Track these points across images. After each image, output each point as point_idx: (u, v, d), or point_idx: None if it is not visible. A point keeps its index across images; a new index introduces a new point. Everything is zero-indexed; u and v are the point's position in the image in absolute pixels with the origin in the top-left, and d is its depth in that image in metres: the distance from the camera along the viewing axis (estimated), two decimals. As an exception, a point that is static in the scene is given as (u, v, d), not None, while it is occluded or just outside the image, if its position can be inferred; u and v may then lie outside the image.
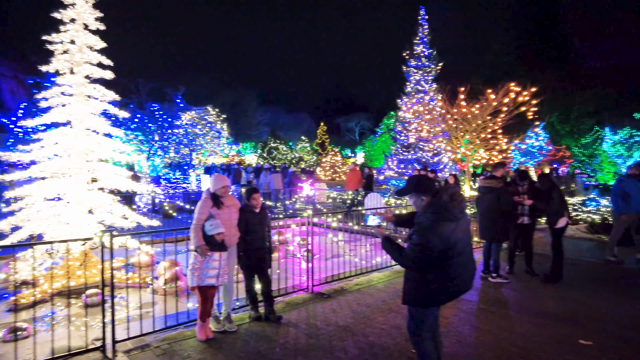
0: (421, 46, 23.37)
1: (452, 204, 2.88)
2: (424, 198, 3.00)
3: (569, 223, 6.37)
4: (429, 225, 2.85)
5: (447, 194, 2.92)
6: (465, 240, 3.01)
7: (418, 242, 2.86)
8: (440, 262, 2.90)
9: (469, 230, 3.12)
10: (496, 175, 6.40)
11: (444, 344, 4.19)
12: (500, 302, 5.51)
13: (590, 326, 4.70)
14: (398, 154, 23.80)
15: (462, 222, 2.95)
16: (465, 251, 3.00)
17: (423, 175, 3.17)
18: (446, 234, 2.84)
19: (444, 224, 2.85)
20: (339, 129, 56.80)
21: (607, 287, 6.21)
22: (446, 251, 2.87)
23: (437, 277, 2.95)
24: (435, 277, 2.95)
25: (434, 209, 2.90)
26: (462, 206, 2.95)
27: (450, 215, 2.87)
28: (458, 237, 2.91)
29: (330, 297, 5.72)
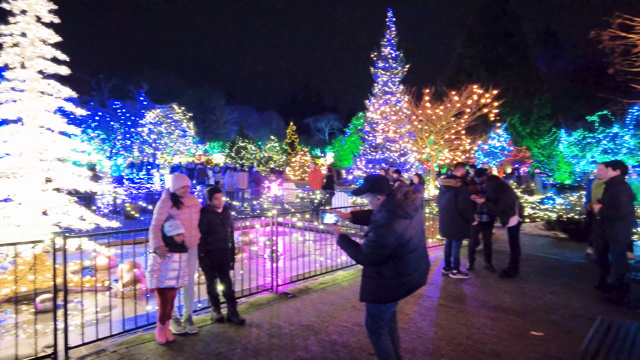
0: (388, 48, 23.77)
1: (406, 202, 2.97)
2: (379, 197, 3.08)
3: (520, 221, 6.64)
4: (384, 223, 2.93)
5: (401, 193, 3.00)
6: (419, 237, 3.10)
7: (374, 239, 2.93)
8: (396, 258, 2.98)
9: (422, 227, 3.22)
10: (456, 174, 6.60)
11: (404, 339, 4.31)
12: (460, 297, 5.69)
13: (541, 318, 4.93)
14: (366, 154, 24.13)
15: (415, 220, 3.05)
16: (419, 247, 3.09)
17: (378, 175, 3.24)
18: (400, 230, 2.92)
19: (398, 222, 2.93)
20: (309, 129, 56.88)
21: (558, 280, 6.52)
22: (400, 247, 2.96)
23: (393, 273, 3.03)
24: (391, 273, 3.03)
25: (388, 208, 2.98)
26: (415, 204, 3.04)
27: (404, 213, 2.95)
28: (412, 233, 3.00)
29: (295, 297, 5.73)
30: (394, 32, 23.90)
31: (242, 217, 6.94)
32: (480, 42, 31.57)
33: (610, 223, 5.36)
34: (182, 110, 25.46)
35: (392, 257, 2.99)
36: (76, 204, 6.79)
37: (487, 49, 31.03)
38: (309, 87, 74.18)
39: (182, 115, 25.22)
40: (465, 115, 16.71)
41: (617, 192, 5.20)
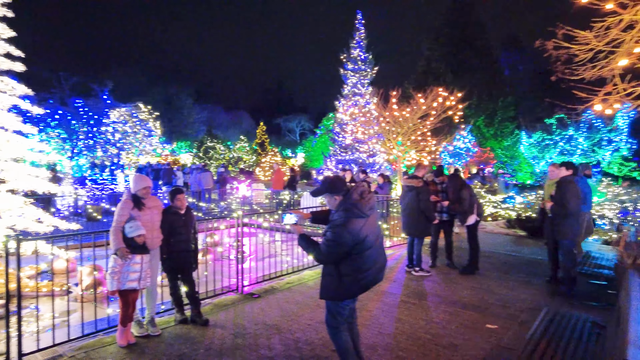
0: (357, 50, 24.08)
1: (362, 202, 3.09)
2: (336, 197, 3.19)
3: (477, 220, 6.92)
4: (341, 222, 3.04)
5: (357, 193, 3.12)
6: (375, 235, 3.22)
7: (331, 238, 3.04)
8: (353, 255, 3.10)
9: (378, 225, 3.35)
10: (417, 175, 6.81)
11: (366, 335, 4.43)
12: (421, 294, 5.88)
13: (497, 311, 5.18)
14: (336, 155, 24.35)
15: (371, 218, 3.17)
16: (374, 244, 3.21)
17: (335, 176, 3.35)
18: (356, 229, 3.04)
19: (354, 220, 3.04)
20: (280, 129, 56.70)
21: (514, 276, 6.85)
22: (357, 245, 3.07)
23: (351, 270, 3.14)
24: (349, 270, 3.13)
25: (345, 207, 3.09)
26: (371, 203, 3.16)
27: (360, 212, 3.07)
28: (367, 231, 3.12)
29: (260, 297, 5.75)
30: (363, 34, 24.23)
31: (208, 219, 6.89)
32: (446, 46, 32.41)
33: (559, 220, 5.69)
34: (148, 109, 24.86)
35: (350, 255, 3.10)
36: (33, 206, 6.55)
37: (454, 53, 31.90)
38: (280, 87, 73.88)
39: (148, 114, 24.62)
40: (431, 117, 17.14)
41: (566, 191, 5.53)
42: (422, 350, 4.12)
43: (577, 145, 19.95)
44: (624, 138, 20.61)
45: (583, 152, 19.97)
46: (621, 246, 4.36)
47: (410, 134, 17.89)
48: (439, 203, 7.17)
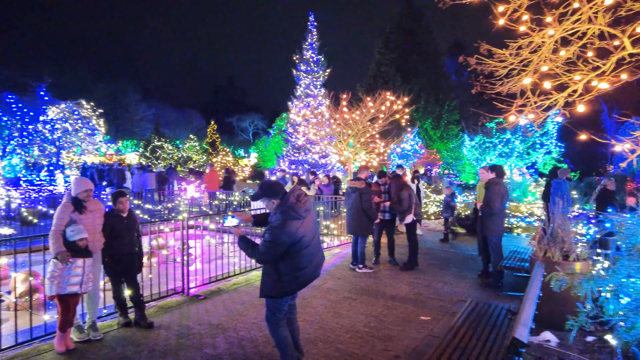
0: (310, 51, 24.38)
1: (298, 204, 3.30)
2: (274, 201, 3.38)
3: (414, 220, 7.37)
4: (278, 224, 3.23)
5: (293, 196, 3.32)
6: (311, 234, 3.44)
7: (269, 239, 3.23)
8: (290, 255, 3.31)
9: (314, 225, 3.56)
10: (360, 176, 7.14)
11: (308, 330, 4.64)
12: (363, 289, 6.19)
13: (431, 304, 5.59)
14: (289, 155, 24.52)
15: (307, 219, 3.38)
16: (311, 244, 3.43)
17: (273, 181, 3.55)
18: (293, 230, 3.25)
19: (291, 222, 3.25)
20: (232, 128, 55.85)
21: (450, 270, 7.36)
22: (294, 245, 3.28)
23: (289, 269, 3.34)
24: (287, 268, 3.34)
25: (282, 210, 3.28)
26: (306, 206, 3.38)
27: (296, 215, 3.28)
28: (304, 232, 3.33)
29: (206, 299, 5.81)
30: (315, 36, 24.54)
31: (152, 221, 6.80)
32: (396, 50, 33.52)
33: (487, 218, 6.23)
34: (91, 106, 23.65)
35: (287, 255, 3.30)
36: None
37: (402, 57, 33.06)
38: (233, 85, 72.73)
39: (91, 111, 23.42)
40: (379, 120, 17.75)
41: (492, 193, 6.08)
42: (359, 342, 4.39)
43: (514, 148, 21.40)
44: (554, 142, 22.42)
45: (519, 154, 21.46)
46: (535, 241, 4.88)
47: (360, 136, 18.42)
48: (382, 203, 7.55)
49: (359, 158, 19.35)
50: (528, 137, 21.22)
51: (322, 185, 10.89)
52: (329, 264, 7.76)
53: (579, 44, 4.32)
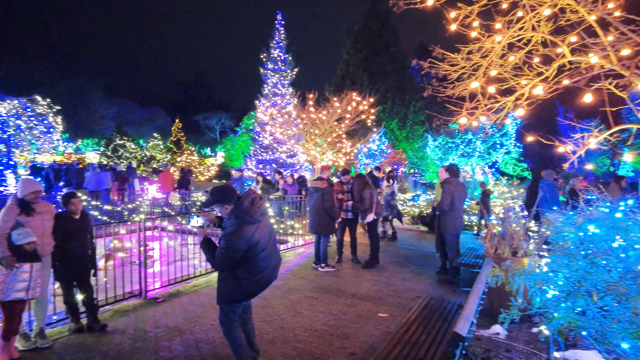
0: (277, 50, 24.26)
1: (253, 209, 3.28)
2: (227, 207, 3.33)
3: (375, 219, 7.52)
4: (233, 230, 3.20)
5: (247, 201, 3.30)
6: (267, 237, 3.44)
7: (224, 246, 3.20)
8: (247, 259, 3.29)
9: (269, 228, 3.56)
10: (322, 176, 7.21)
11: (267, 330, 4.66)
12: (324, 288, 6.26)
13: (389, 301, 5.73)
14: (257, 155, 24.32)
15: (262, 223, 3.37)
16: (267, 247, 3.43)
17: (224, 186, 3.50)
18: (248, 235, 3.22)
19: (246, 227, 3.22)
20: (199, 127, 54.75)
21: (410, 268, 7.55)
22: (250, 249, 3.26)
23: (247, 274, 3.33)
24: (245, 273, 3.33)
25: (236, 215, 3.26)
26: (261, 210, 3.37)
27: (251, 219, 3.26)
28: (259, 236, 3.32)
29: (165, 301, 5.70)
30: (282, 35, 24.44)
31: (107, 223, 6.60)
32: (363, 51, 33.92)
33: (443, 216, 6.45)
34: (47, 102, 22.60)
35: (244, 260, 3.28)
36: None
37: (370, 58, 33.50)
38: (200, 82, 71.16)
39: (47, 108, 22.39)
40: (346, 120, 17.95)
41: (444, 191, 6.30)
42: (318, 341, 4.45)
43: (475, 148, 22.16)
44: (513, 142, 23.39)
45: (480, 154, 22.25)
46: (487, 238, 5.11)
47: (327, 136, 18.55)
48: (345, 202, 7.65)
49: (326, 157, 19.48)
50: (488, 137, 22.03)
51: (287, 184, 10.90)
52: (292, 263, 7.79)
53: (524, 51, 4.55)
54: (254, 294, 3.50)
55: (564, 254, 2.16)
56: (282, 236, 9.33)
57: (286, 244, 9.04)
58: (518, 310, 2.20)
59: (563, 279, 2.11)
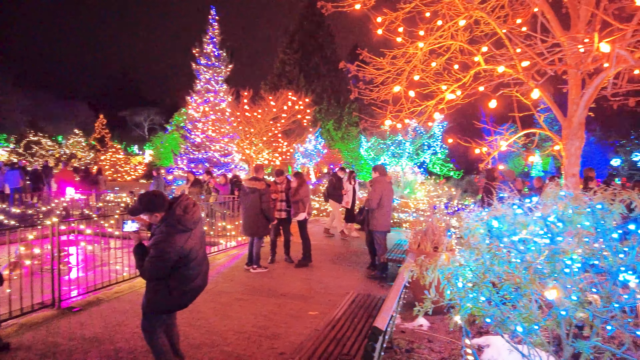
0: (211, 46, 23.55)
1: (185, 216, 3.12)
2: (157, 215, 3.15)
3: (307, 218, 7.60)
4: (163, 238, 3.02)
5: (180, 208, 3.14)
6: (199, 245, 3.31)
7: (154, 255, 3.02)
8: (179, 269, 3.14)
9: (202, 236, 3.42)
10: (258, 176, 7.11)
11: (193, 335, 4.49)
12: (255, 290, 6.18)
13: (320, 299, 5.80)
14: (188, 153, 23.40)
15: (196, 231, 3.24)
16: (199, 254, 3.30)
17: (153, 192, 3.26)
18: (180, 244, 3.07)
19: (178, 236, 3.07)
20: (125, 123, 51.51)
21: (342, 265, 7.72)
22: (182, 259, 3.11)
23: (178, 283, 3.18)
24: (176, 283, 3.18)
25: (167, 223, 3.09)
26: (195, 217, 3.21)
27: (183, 227, 3.10)
28: (192, 244, 3.18)
29: (82, 310, 5.28)
30: (217, 30, 23.77)
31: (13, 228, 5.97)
32: (299, 51, 34.05)
33: (371, 214, 6.67)
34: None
35: (176, 269, 3.13)
36: None
37: (305, 58, 33.72)
38: (127, 76, 67.04)
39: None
40: (282, 119, 17.92)
41: (372, 190, 6.54)
42: (246, 343, 4.38)
43: (405, 149, 23.23)
44: (439, 143, 24.86)
45: (409, 154, 23.37)
46: (411, 234, 5.37)
47: (262, 135, 18.37)
48: (279, 202, 7.62)
49: (261, 157, 19.29)
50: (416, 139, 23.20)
51: (218, 184, 10.59)
52: (224, 265, 7.61)
53: (444, 57, 4.84)
54: (186, 303, 3.35)
55: (470, 248, 2.33)
56: (214, 238, 9.07)
57: (218, 246, 8.80)
58: (431, 303, 2.33)
59: (470, 271, 2.28)
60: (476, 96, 4.98)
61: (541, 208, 2.68)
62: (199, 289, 3.38)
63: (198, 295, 3.44)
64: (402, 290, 3.53)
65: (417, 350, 4.08)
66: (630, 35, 3.34)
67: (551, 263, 2.31)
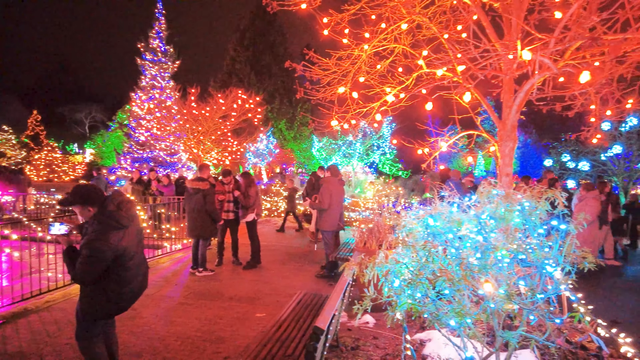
0: (157, 41, 22.64)
1: (120, 213, 2.95)
2: (90, 209, 2.96)
3: (255, 219, 7.52)
4: (96, 237, 2.84)
5: (113, 204, 2.97)
6: (136, 244, 3.15)
7: (88, 254, 2.82)
8: (114, 270, 2.96)
9: (139, 234, 3.25)
10: (203, 176, 6.90)
11: (134, 342, 4.29)
12: (201, 293, 6.00)
13: (268, 300, 5.74)
14: (132, 152, 22.33)
15: (131, 229, 3.06)
16: (136, 255, 3.14)
17: (89, 185, 3.10)
18: (114, 242, 2.89)
19: (112, 233, 2.89)
20: (64, 120, 48.21)
21: (291, 265, 7.70)
22: (118, 258, 2.93)
23: (115, 286, 3.00)
24: (114, 285, 2.99)
25: (100, 219, 2.91)
26: (130, 214, 3.04)
27: (117, 224, 2.93)
28: (128, 243, 3.01)
29: (6, 323, 4.85)
30: (163, 25, 22.89)
31: None
32: (250, 49, 33.58)
33: (319, 213, 6.71)
34: None
35: (111, 270, 2.94)
36: None
37: (256, 56, 33.31)
38: (66, 70, 62.69)
39: None
40: (231, 117, 17.56)
41: (322, 189, 6.57)
42: (190, 348, 4.23)
43: (356, 150, 23.64)
44: (388, 144, 25.55)
45: (360, 155, 23.81)
46: (358, 232, 5.45)
47: (211, 133, 17.89)
48: (226, 202, 7.45)
49: (210, 156, 18.80)
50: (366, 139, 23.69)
51: (161, 186, 10.09)
52: (168, 270, 7.32)
53: (389, 60, 4.96)
54: (125, 307, 3.16)
55: (407, 246, 2.40)
56: (158, 241, 8.72)
57: (162, 249, 8.46)
58: (370, 301, 2.37)
59: (406, 268, 2.35)
60: (419, 99, 5.16)
61: (476, 207, 2.82)
62: (138, 291, 3.22)
63: (137, 299, 3.28)
64: (347, 288, 3.57)
65: (363, 348, 4.15)
66: (552, 45, 3.60)
67: (483, 259, 2.44)
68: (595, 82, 4.13)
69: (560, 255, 2.53)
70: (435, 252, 2.36)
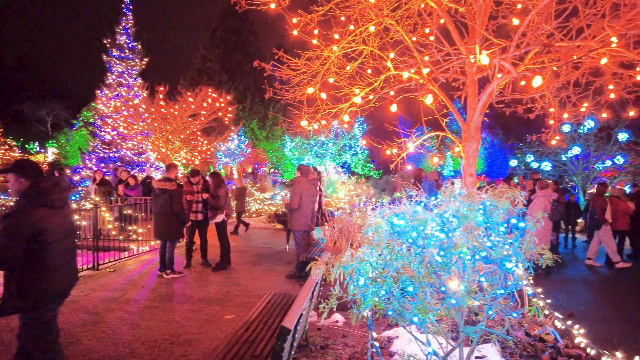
0: (124, 37, 21.98)
1: (51, 190, 2.91)
2: (22, 180, 2.91)
3: (224, 220, 7.44)
4: (16, 210, 2.79)
5: (48, 183, 2.94)
6: (65, 230, 3.05)
7: (4, 227, 2.71)
8: (36, 252, 2.81)
9: (70, 222, 3.17)
10: (170, 176, 6.76)
11: (96, 348, 4.18)
12: (168, 296, 5.88)
13: (237, 302, 5.69)
14: (97, 151, 21.58)
15: (61, 212, 3.00)
16: (65, 240, 3.03)
17: (31, 160, 3.08)
18: (36, 218, 2.80)
19: (37, 209, 2.83)
20: (24, 117, 46.02)
21: (262, 266, 7.66)
22: (38, 236, 2.80)
23: (40, 268, 2.85)
24: (38, 267, 2.84)
25: (29, 194, 2.86)
26: (63, 197, 3.01)
27: (46, 201, 2.88)
28: (53, 225, 2.91)
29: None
30: (131, 21, 22.24)
31: None
32: (221, 47, 33.11)
33: (291, 213, 6.71)
34: None
35: (32, 252, 2.80)
36: None
37: (227, 55, 32.88)
38: (24, 64, 59.83)
39: None
40: (201, 116, 17.27)
41: (292, 190, 6.58)
42: (156, 352, 4.15)
43: (328, 150, 23.74)
44: (360, 145, 25.82)
45: (332, 155, 23.92)
46: (328, 232, 5.49)
47: (179, 132, 17.54)
48: (194, 203, 7.33)
49: (179, 156, 18.43)
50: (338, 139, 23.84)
51: (127, 190, 9.76)
52: (134, 272, 7.13)
53: (357, 62, 5.02)
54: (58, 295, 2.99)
55: (371, 245, 2.44)
56: (124, 243, 8.48)
57: (129, 251, 8.23)
58: (336, 299, 2.40)
59: (371, 267, 2.39)
60: (387, 100, 5.24)
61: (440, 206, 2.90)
62: (66, 279, 3.05)
63: (69, 290, 3.12)
64: (315, 288, 3.59)
65: (332, 346, 4.19)
66: (512, 50, 3.76)
67: (445, 256, 2.51)
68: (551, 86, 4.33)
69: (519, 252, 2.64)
70: (399, 250, 2.41)
